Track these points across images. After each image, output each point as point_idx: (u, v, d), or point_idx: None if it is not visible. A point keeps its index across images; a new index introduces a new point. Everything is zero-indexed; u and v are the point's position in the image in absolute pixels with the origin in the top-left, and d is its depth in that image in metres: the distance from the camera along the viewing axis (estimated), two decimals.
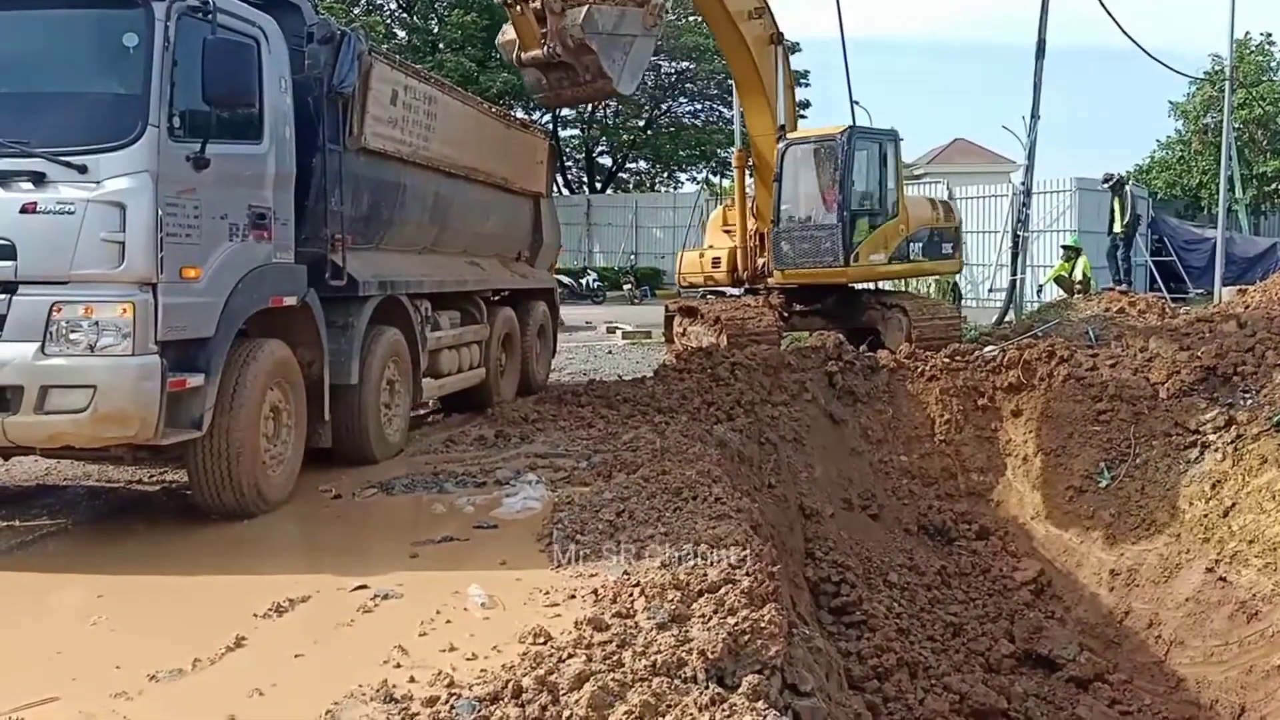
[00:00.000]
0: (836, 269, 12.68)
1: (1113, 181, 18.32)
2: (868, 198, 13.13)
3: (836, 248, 12.52)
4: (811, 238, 12.77)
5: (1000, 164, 35.18)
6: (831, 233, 12.58)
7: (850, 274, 12.80)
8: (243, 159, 5.83)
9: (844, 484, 9.17)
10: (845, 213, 12.57)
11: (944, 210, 14.70)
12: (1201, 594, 7.05)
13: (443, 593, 4.52)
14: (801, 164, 13.09)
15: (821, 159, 12.94)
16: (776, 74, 13.07)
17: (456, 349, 8.77)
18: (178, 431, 5.28)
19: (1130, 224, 18.01)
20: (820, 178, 12.97)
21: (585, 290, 29.15)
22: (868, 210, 12.98)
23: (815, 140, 13.21)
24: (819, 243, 12.70)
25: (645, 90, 40.32)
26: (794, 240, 12.85)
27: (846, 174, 12.62)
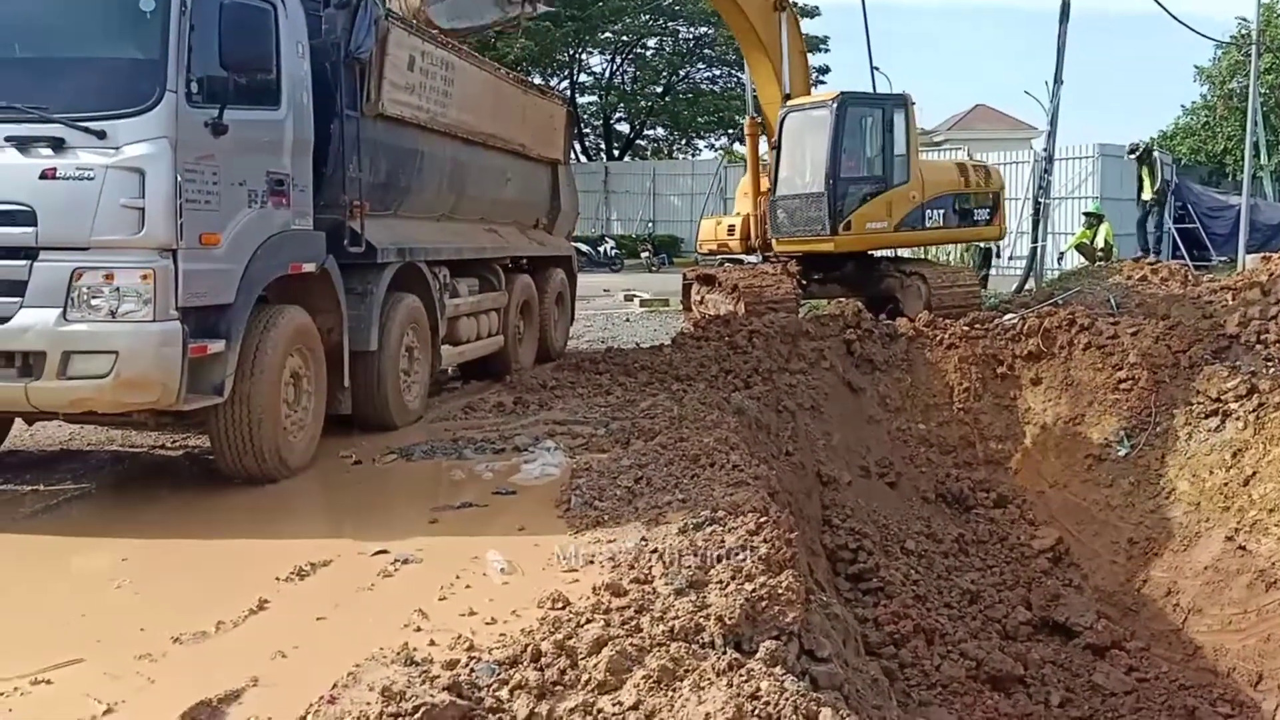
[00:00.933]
0: (824, 238, 12.60)
1: (1139, 151, 18.07)
2: (866, 165, 12.98)
3: (823, 216, 12.44)
4: (801, 207, 12.71)
5: (1022, 130, 34.78)
6: (818, 201, 12.51)
7: (839, 242, 12.64)
8: (261, 125, 5.82)
9: (862, 451, 9.16)
10: (832, 181, 12.43)
11: (981, 175, 14.36)
12: (1220, 562, 7.03)
13: (462, 558, 4.55)
14: (799, 132, 13.01)
15: (816, 127, 12.83)
16: (781, 40, 12.92)
17: (475, 316, 8.78)
18: (199, 397, 5.31)
19: (1160, 191, 17.78)
20: (816, 146, 12.86)
21: (603, 258, 29.08)
22: (863, 178, 12.82)
23: (810, 107, 13.10)
24: (807, 211, 12.65)
25: (664, 56, 40.03)
26: (788, 209, 12.81)
27: (835, 142, 12.47)
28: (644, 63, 40.44)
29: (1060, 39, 17.13)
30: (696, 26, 38.19)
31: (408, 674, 3.28)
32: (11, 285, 4.98)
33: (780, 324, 10.21)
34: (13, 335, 4.96)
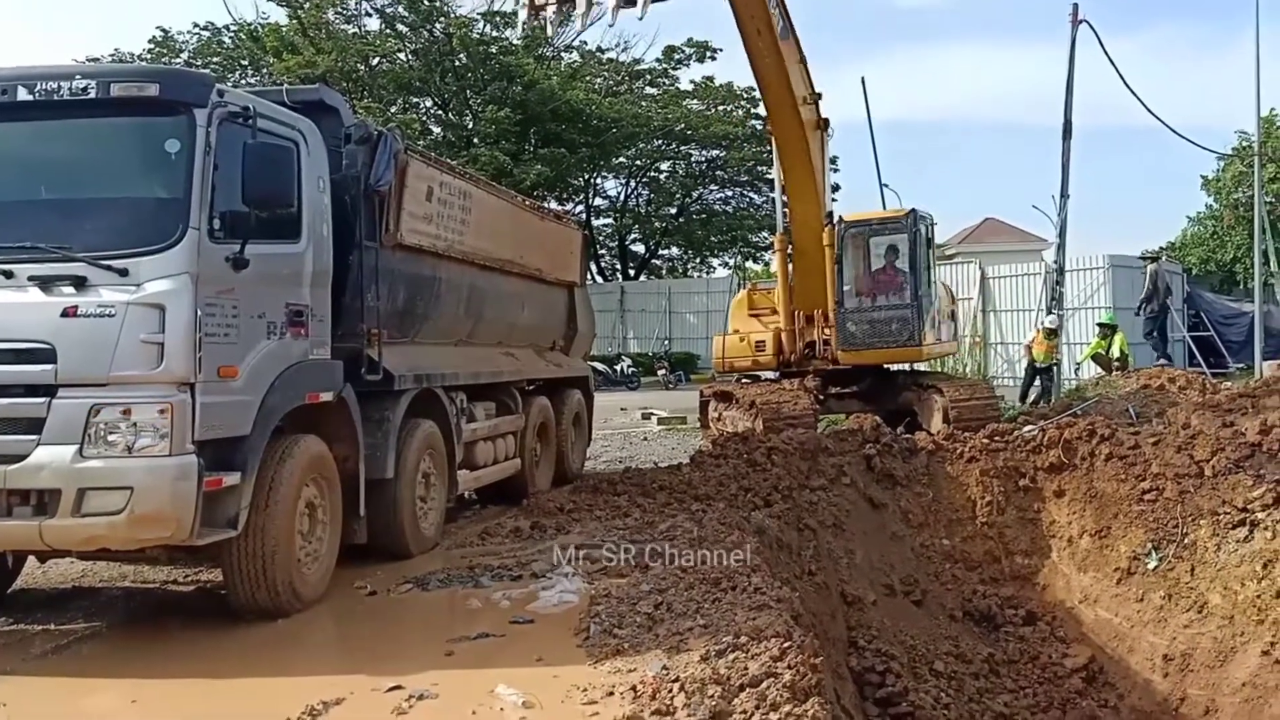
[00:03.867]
0: (912, 349, 13.04)
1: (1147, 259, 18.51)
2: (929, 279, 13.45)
3: (912, 328, 12.88)
4: (883, 319, 12.94)
5: (1032, 242, 35.19)
6: (904, 313, 12.92)
7: (923, 354, 13.04)
8: (281, 258, 5.94)
9: (885, 569, 8.99)
10: (918, 294, 12.93)
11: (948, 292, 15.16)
12: (1258, 678, 6.78)
13: (479, 692, 4.45)
14: (863, 246, 13.38)
15: (883, 241, 13.25)
16: (824, 160, 13.34)
17: (492, 440, 8.78)
18: (213, 531, 5.28)
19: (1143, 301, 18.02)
20: (883, 259, 13.31)
21: (620, 376, 29.23)
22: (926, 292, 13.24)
23: (878, 222, 13.50)
24: (889, 324, 12.95)
25: (677, 179, 41.11)
26: (862, 322, 12.97)
27: (916, 255, 12.95)
28: (658, 185, 41.50)
29: (1064, 154, 17.55)
30: (708, 150, 39.30)
31: None
32: (30, 423, 5.01)
33: (799, 440, 10.16)
34: (29, 473, 4.96)
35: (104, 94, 5.29)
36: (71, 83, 5.31)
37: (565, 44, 36.91)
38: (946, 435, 10.68)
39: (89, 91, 5.30)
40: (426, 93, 35.08)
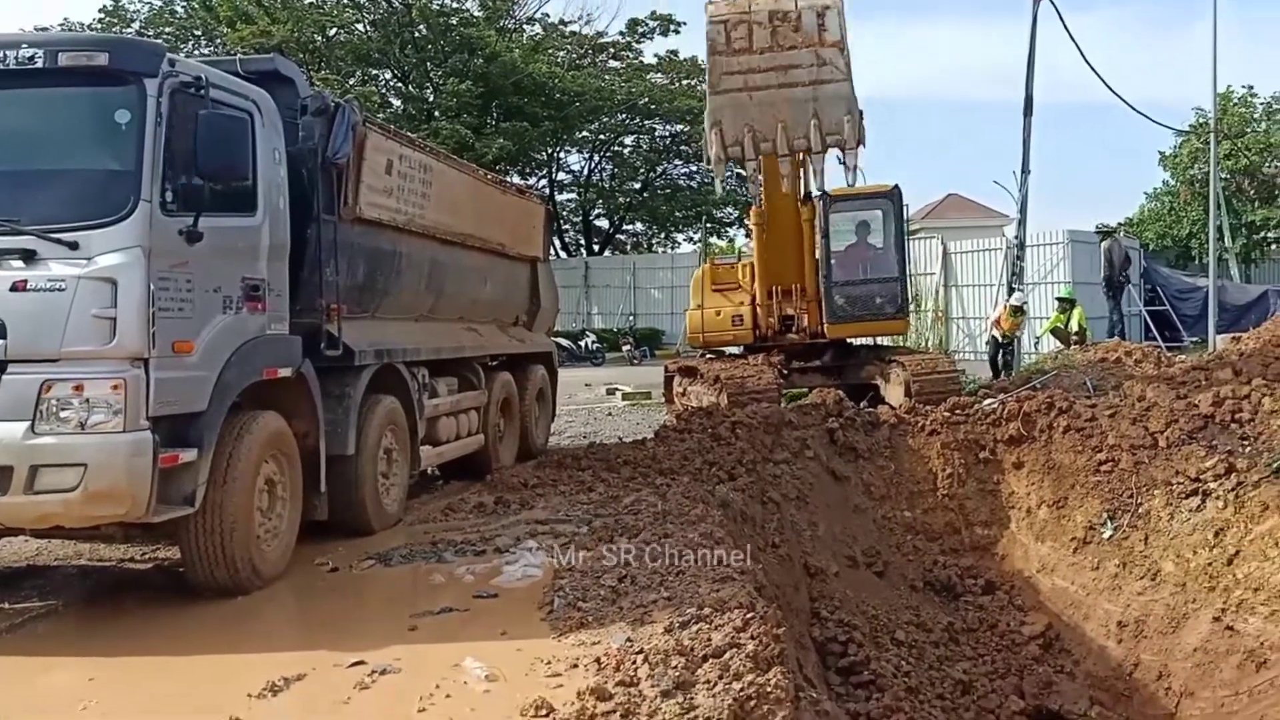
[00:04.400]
0: (900, 321, 13.37)
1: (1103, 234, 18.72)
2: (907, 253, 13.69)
3: (900, 300, 13.09)
4: (871, 292, 13.11)
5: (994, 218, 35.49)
6: (892, 286, 13.12)
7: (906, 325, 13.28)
8: (236, 231, 5.84)
9: (848, 541, 9.07)
10: (903, 267, 13.21)
11: None
12: (1209, 644, 6.94)
13: (442, 666, 4.44)
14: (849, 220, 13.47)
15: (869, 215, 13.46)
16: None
17: (454, 416, 8.74)
18: (170, 508, 5.21)
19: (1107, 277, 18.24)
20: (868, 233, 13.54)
21: (584, 352, 29.19)
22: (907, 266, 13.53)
23: (865, 197, 13.57)
24: (876, 297, 13.14)
25: (641, 153, 40.95)
26: (850, 296, 13.07)
27: (901, 229, 13.12)
28: (622, 160, 41.34)
29: (1026, 130, 17.71)
30: (672, 125, 39.15)
31: None
32: None
33: (763, 414, 10.20)
34: None
35: (52, 63, 5.16)
36: (18, 51, 5.16)
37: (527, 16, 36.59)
38: (908, 409, 10.77)
39: (36, 60, 5.16)
40: (385, 65, 34.61)
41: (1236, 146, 30.81)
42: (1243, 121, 32.34)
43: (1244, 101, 32.72)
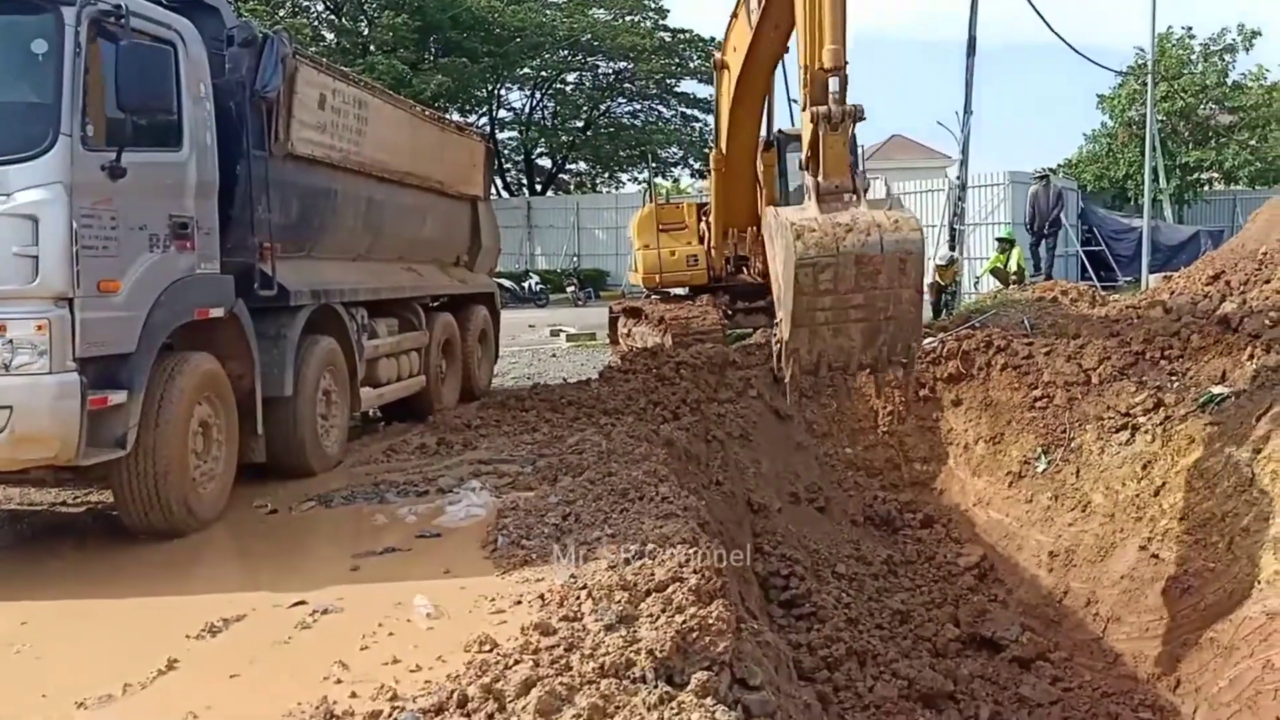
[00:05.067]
0: None
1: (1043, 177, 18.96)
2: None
3: None
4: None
5: (937, 159, 35.77)
6: None
7: None
8: (161, 167, 5.65)
9: (791, 478, 9.21)
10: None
11: None
12: (1136, 571, 7.19)
13: (385, 605, 4.42)
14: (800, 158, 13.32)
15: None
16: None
17: (395, 357, 8.64)
18: (100, 451, 5.10)
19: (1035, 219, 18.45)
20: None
21: (527, 294, 29.03)
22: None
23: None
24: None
25: (584, 91, 40.35)
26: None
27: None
28: (564, 98, 40.74)
29: (968, 71, 17.72)
30: (615, 61, 38.64)
31: None
32: None
33: (707, 355, 10.25)
34: None
35: None
36: None
37: None
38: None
39: None
40: None
41: (1173, 88, 31.24)
42: (1180, 63, 32.75)
43: (1181, 43, 33.11)
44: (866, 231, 5.56)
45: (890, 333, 5.79)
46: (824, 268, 5.52)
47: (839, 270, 5.52)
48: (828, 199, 5.81)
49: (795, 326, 5.68)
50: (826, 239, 5.54)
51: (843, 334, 5.77)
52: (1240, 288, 8.90)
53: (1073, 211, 25.98)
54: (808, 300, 5.60)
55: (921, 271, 5.75)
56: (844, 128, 5.87)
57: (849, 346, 5.84)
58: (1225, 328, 8.42)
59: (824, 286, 5.57)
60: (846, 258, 5.51)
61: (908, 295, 5.66)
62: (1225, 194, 33.26)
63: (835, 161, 5.88)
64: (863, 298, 5.63)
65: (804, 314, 5.65)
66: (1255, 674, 5.85)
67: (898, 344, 5.87)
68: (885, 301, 5.67)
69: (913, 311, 5.78)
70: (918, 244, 5.64)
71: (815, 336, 5.75)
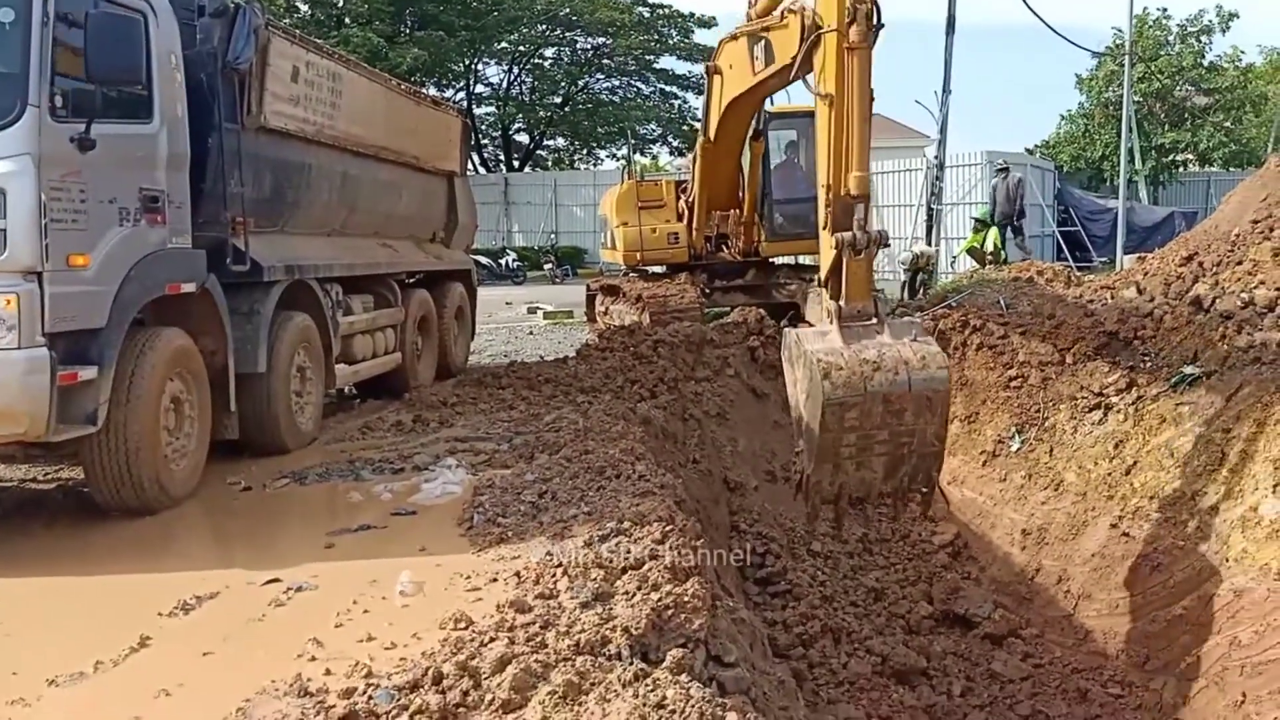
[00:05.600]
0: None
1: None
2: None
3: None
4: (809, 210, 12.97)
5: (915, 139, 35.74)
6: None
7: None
8: (132, 139, 5.57)
9: (767, 456, 9.23)
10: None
11: None
12: (1107, 549, 7.27)
13: (360, 582, 4.41)
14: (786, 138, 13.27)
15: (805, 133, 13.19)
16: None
17: (370, 333, 8.58)
18: (71, 427, 5.05)
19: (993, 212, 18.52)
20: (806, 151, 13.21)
21: (504, 270, 28.89)
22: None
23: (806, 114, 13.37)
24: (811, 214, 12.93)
25: (562, 66, 40.05)
26: (791, 214, 12.96)
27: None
28: (542, 73, 40.42)
29: (947, 50, 17.73)
30: (594, 37, 38.35)
31: (301, 705, 3.17)
32: None
33: (685, 333, 10.24)
34: None
35: None
36: None
37: None
38: None
39: None
40: None
41: (1150, 69, 31.39)
42: (1157, 45, 32.90)
43: (1159, 24, 33.24)
44: (894, 370, 5.44)
45: (912, 464, 5.71)
46: (851, 407, 5.41)
47: (866, 409, 5.42)
48: (849, 324, 5.64)
49: (819, 462, 5.58)
50: (854, 378, 5.41)
51: (865, 466, 5.69)
52: (1213, 269, 8.97)
53: (1049, 192, 26.12)
54: (833, 437, 5.49)
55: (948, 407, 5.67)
56: (869, 254, 5.73)
57: (871, 478, 5.75)
58: (1197, 309, 8.49)
59: (850, 424, 5.47)
60: (874, 397, 5.41)
61: (933, 430, 5.58)
62: (1200, 175, 33.53)
63: (858, 286, 5.72)
64: (887, 433, 5.55)
65: (828, 450, 5.55)
66: (1223, 650, 5.94)
67: (919, 474, 5.80)
68: (909, 437, 5.59)
69: (936, 445, 5.69)
70: (945, 382, 5.55)
71: (838, 470, 5.67)
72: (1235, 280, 8.44)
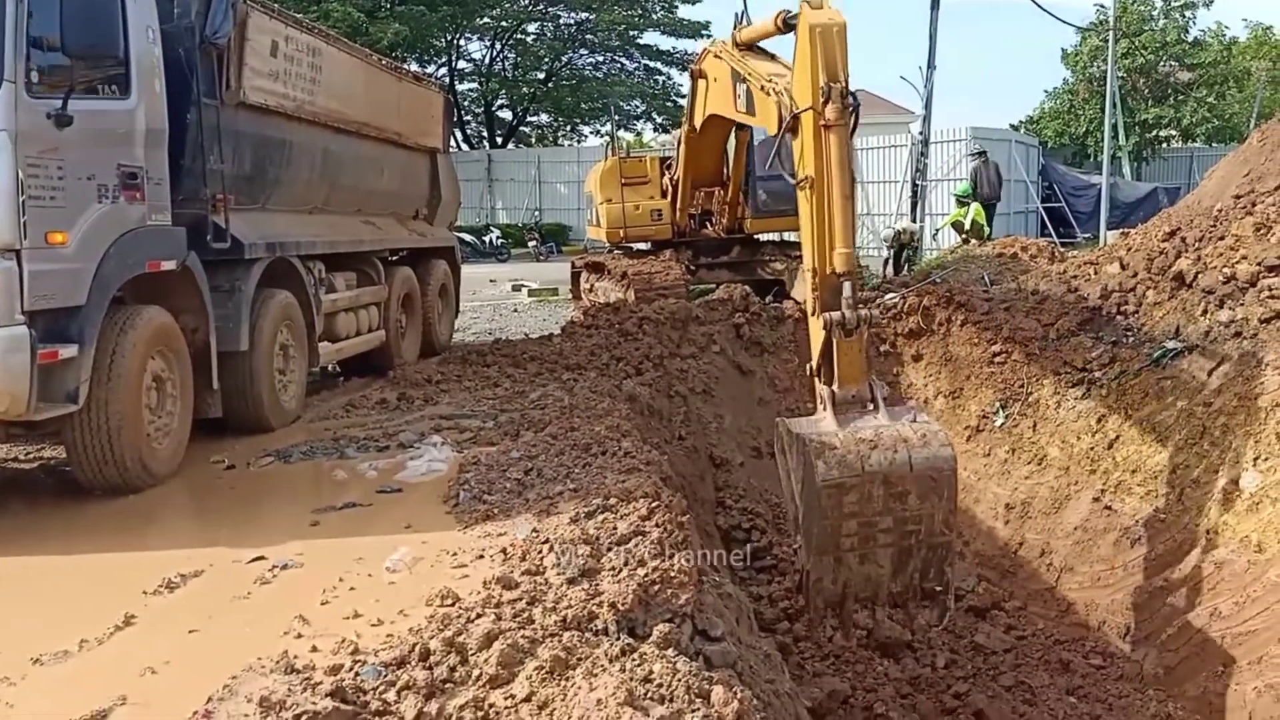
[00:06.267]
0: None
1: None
2: None
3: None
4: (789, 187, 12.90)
5: (901, 115, 35.68)
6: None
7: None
8: (109, 115, 5.51)
9: (753, 433, 9.26)
10: None
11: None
12: (1089, 522, 7.33)
13: (345, 560, 4.39)
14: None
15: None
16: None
17: (354, 311, 8.54)
18: (52, 406, 5.01)
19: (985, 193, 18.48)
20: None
21: (488, 248, 28.77)
22: None
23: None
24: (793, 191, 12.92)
25: (545, 42, 39.72)
26: (775, 191, 12.91)
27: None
28: (525, 48, 40.08)
29: (932, 25, 17.67)
30: (577, 12, 38.02)
31: (288, 682, 3.15)
32: None
33: (670, 310, 10.24)
34: None
35: None
36: None
37: None
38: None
39: None
40: None
41: (1134, 45, 31.39)
42: (1141, 20, 32.89)
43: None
44: (893, 448, 5.03)
45: (922, 557, 5.24)
46: (849, 489, 4.97)
47: (865, 491, 4.99)
48: (844, 409, 5.27)
49: (819, 555, 5.09)
50: (850, 456, 4.99)
51: (870, 560, 5.19)
52: (1195, 244, 9.00)
53: (1033, 168, 26.16)
54: (831, 525, 5.03)
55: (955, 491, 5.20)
56: (859, 334, 5.34)
57: (877, 575, 5.23)
58: (1180, 284, 8.52)
59: (849, 509, 5.02)
60: (873, 477, 4.99)
61: (940, 517, 5.12)
62: (1183, 151, 33.63)
63: (851, 369, 5.34)
64: (891, 520, 5.09)
65: (828, 540, 5.07)
66: (1203, 621, 6.02)
67: (930, 569, 5.28)
68: (916, 524, 5.13)
69: (946, 533, 5.21)
70: (950, 460, 5.12)
71: (840, 565, 5.16)
72: (1217, 255, 8.47)
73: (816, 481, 4.95)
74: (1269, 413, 6.49)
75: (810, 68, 5.40)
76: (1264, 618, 5.67)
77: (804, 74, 5.51)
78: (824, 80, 5.32)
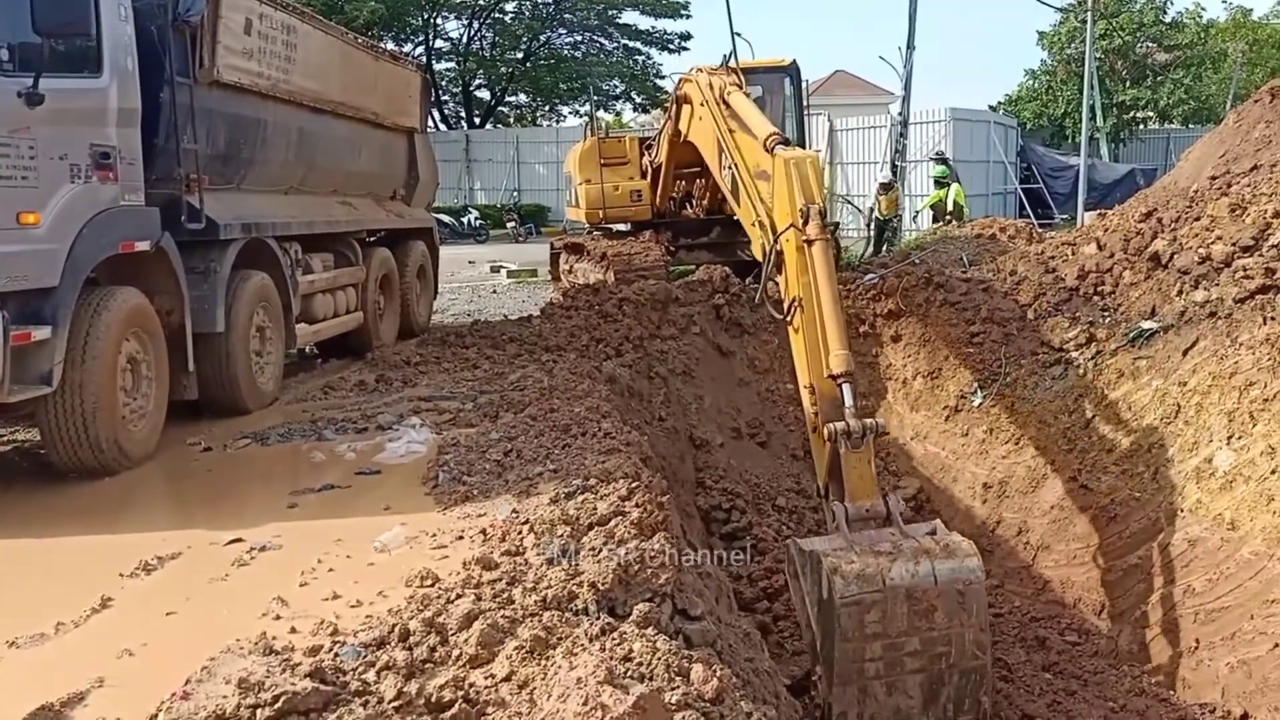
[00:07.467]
0: None
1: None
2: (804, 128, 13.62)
3: None
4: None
5: (880, 95, 35.69)
6: None
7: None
8: (81, 94, 5.43)
9: (733, 413, 9.28)
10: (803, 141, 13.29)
11: None
12: (1065, 501, 7.40)
13: (324, 541, 4.39)
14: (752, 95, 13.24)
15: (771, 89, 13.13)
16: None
17: (331, 292, 8.48)
18: (25, 388, 4.97)
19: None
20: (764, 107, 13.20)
21: (467, 229, 28.61)
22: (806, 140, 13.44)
23: (764, 71, 13.34)
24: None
25: (523, 21, 39.42)
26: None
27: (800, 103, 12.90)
28: (503, 28, 39.76)
29: (912, 6, 17.68)
30: None
31: (266, 663, 3.14)
32: None
33: (650, 291, 10.22)
34: None
35: None
36: None
37: None
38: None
39: None
40: None
41: (1111, 26, 31.48)
42: (1119, 1, 32.96)
43: None
44: (915, 559, 4.65)
45: (955, 684, 4.77)
46: (870, 606, 4.57)
47: (887, 609, 4.58)
48: (858, 526, 4.92)
49: (841, 685, 4.64)
50: (870, 570, 4.60)
51: (898, 690, 4.73)
52: (1171, 225, 9.06)
53: (1012, 149, 26.25)
54: (854, 648, 4.60)
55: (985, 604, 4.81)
56: (866, 444, 5.00)
57: (907, 706, 4.75)
58: (1156, 264, 8.58)
59: (871, 630, 4.60)
60: (896, 593, 4.59)
61: (972, 636, 4.70)
62: (1160, 132, 33.82)
63: (862, 483, 5.00)
64: (919, 642, 4.66)
65: (850, 667, 4.63)
66: (1177, 598, 6.09)
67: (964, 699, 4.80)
68: (946, 645, 4.70)
69: (980, 656, 4.76)
70: (977, 572, 4.72)
71: (865, 696, 4.70)
72: (1193, 236, 8.53)
73: (835, 600, 4.57)
74: (1243, 392, 6.56)
75: (789, 195, 5.69)
76: (1237, 594, 5.74)
77: (783, 201, 5.82)
78: (802, 203, 5.52)
